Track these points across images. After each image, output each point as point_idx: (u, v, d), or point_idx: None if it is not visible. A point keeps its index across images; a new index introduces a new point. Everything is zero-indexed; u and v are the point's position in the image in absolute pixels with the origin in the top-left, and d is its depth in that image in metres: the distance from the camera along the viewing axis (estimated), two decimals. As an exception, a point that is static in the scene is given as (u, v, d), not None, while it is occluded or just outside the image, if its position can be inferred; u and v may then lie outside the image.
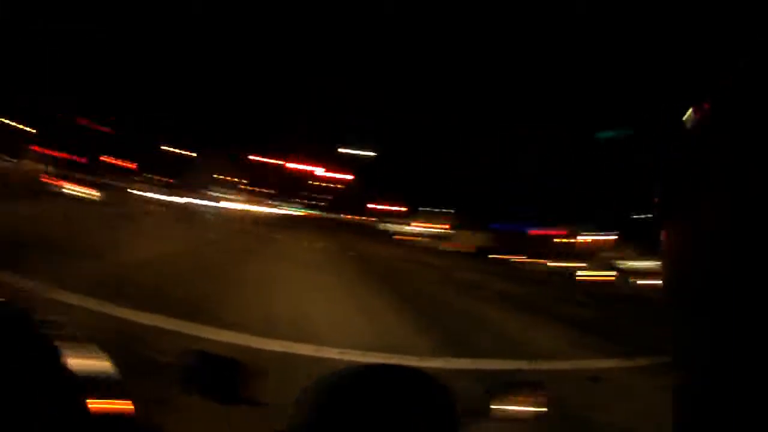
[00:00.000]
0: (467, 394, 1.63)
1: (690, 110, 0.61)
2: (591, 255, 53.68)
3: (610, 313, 20.03)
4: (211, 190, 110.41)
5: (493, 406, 1.61)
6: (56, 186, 42.46)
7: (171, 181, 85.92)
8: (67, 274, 9.58)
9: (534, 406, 1.66)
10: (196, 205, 78.95)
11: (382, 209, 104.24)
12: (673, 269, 0.64)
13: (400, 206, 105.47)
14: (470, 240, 64.18)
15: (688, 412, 0.61)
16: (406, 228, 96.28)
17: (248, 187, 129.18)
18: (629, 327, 16.51)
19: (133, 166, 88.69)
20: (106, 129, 78.34)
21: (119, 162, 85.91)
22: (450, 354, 8.12)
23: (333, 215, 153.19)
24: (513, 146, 63.90)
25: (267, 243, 28.91)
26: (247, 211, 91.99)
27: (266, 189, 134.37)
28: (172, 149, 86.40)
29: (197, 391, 1.68)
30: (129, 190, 55.56)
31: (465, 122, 69.52)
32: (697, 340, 0.58)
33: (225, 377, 1.67)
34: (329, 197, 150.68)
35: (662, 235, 0.66)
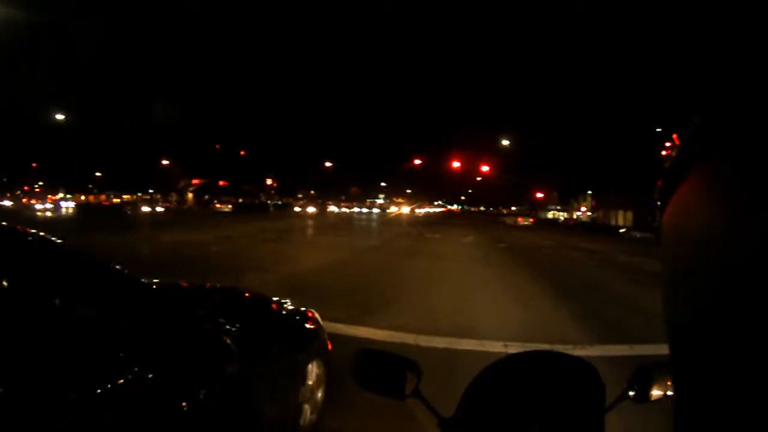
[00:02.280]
0: (619, 379, 1.71)
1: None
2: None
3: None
4: (374, 198, 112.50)
5: (634, 389, 1.68)
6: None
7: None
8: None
9: (672, 389, 1.66)
10: (356, 213, 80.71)
11: (539, 198, 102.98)
12: (671, 263, 0.65)
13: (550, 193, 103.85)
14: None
15: (688, 418, 0.61)
16: (552, 214, 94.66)
17: (403, 191, 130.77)
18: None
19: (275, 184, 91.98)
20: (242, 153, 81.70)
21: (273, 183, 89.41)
22: (606, 341, 8.03)
23: (474, 209, 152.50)
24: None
25: (422, 242, 29.23)
26: (401, 213, 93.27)
27: (414, 190, 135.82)
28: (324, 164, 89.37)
29: (369, 388, 1.76)
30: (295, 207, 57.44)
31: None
32: (697, 342, 0.58)
33: (394, 374, 1.75)
34: (469, 191, 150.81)
35: (662, 224, 0.68)
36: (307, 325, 4.54)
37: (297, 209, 79.92)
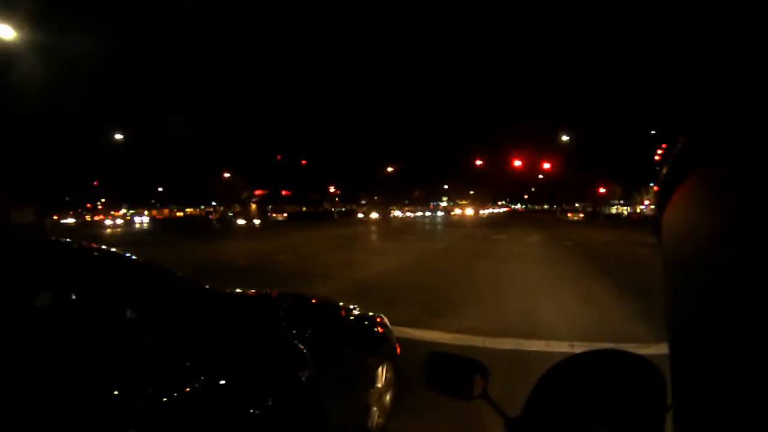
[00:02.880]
0: None
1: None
2: None
3: None
4: (438, 201, 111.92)
5: None
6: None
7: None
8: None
9: None
10: (420, 216, 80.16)
11: (602, 193, 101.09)
12: (671, 259, 0.67)
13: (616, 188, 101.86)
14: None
15: (688, 420, 0.62)
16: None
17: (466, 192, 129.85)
18: None
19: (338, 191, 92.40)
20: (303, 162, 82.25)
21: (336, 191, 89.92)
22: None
23: (537, 207, 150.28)
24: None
25: (486, 243, 29.10)
26: (465, 215, 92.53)
27: (477, 191, 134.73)
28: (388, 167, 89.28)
29: (437, 389, 1.81)
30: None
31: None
32: (698, 344, 0.59)
33: (462, 375, 1.79)
34: (532, 189, 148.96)
35: (663, 224, 0.70)
36: (376, 330, 4.64)
37: (360, 215, 79.81)
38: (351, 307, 4.82)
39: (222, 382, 2.72)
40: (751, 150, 0.52)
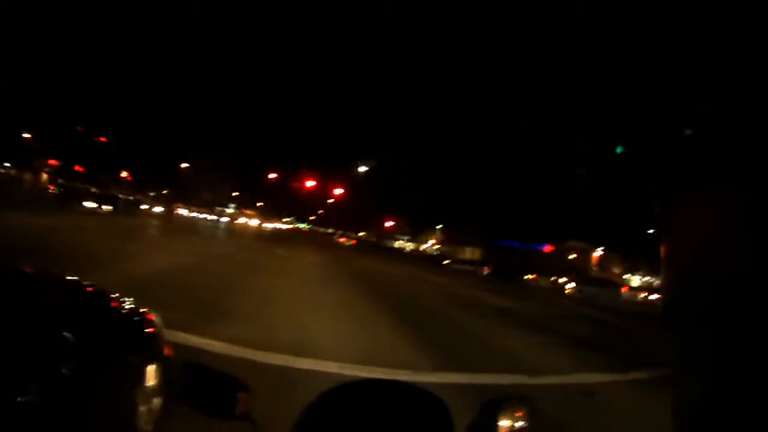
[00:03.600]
0: (463, 409, 1.66)
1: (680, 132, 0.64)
2: (581, 269, 54.24)
3: (605, 328, 20.17)
4: (224, 207, 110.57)
5: (483, 421, 1.63)
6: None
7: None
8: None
9: (521, 421, 1.67)
10: (205, 219, 78.70)
11: (389, 227, 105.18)
12: (673, 281, 0.66)
13: (397, 221, 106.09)
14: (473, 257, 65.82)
15: (688, 424, 0.62)
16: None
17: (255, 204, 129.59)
18: (625, 341, 16.57)
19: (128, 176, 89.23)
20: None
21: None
22: (447, 369, 8.16)
23: (322, 229, 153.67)
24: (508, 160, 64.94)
25: (267, 256, 28.99)
26: (248, 225, 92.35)
27: (265, 204, 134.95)
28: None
29: (197, 407, 1.74)
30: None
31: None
32: (697, 351, 0.60)
33: (224, 393, 1.70)
34: (320, 212, 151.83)
35: (662, 248, 0.67)
36: (146, 327, 4.33)
37: (144, 207, 77.20)
38: (122, 299, 4.47)
39: None
40: (751, 151, 0.53)
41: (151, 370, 4.10)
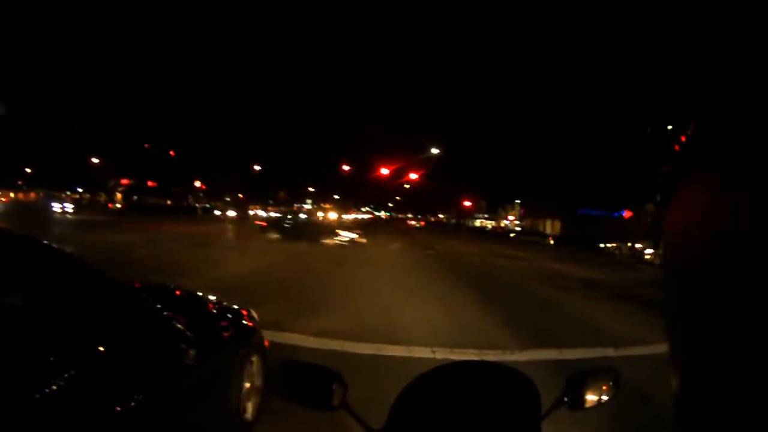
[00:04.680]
0: (550, 384, 1.70)
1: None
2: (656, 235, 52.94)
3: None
4: (301, 203, 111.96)
5: (569, 396, 1.66)
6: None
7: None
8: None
9: (607, 394, 1.71)
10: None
11: (467, 206, 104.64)
12: (671, 256, 0.66)
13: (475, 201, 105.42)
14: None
15: (688, 396, 0.62)
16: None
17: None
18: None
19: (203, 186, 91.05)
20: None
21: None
22: (534, 346, 8.16)
23: (401, 216, 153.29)
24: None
25: (350, 248, 29.40)
26: (327, 218, 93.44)
27: (342, 196, 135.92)
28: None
29: (295, 400, 1.73)
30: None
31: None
32: (694, 326, 0.60)
33: (320, 386, 1.72)
34: (398, 198, 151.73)
35: (663, 224, 0.68)
36: (245, 322, 4.78)
37: (217, 212, 78.37)
38: (219, 300, 5.04)
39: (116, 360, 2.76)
40: (752, 150, 0.53)
41: (253, 360, 4.57)
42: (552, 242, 57.15)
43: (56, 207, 54.45)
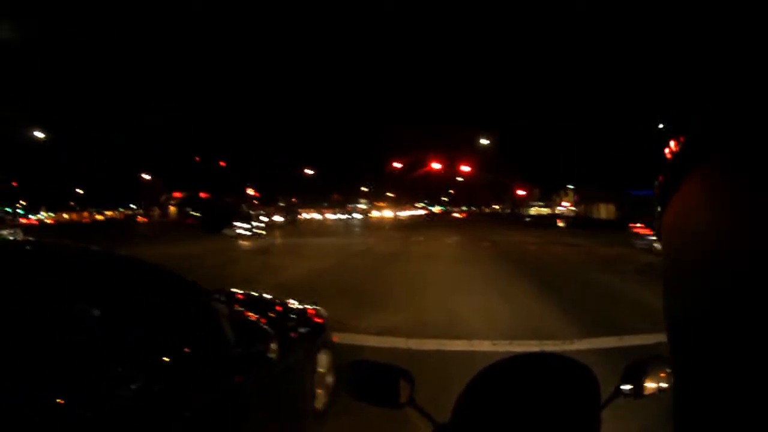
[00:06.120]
0: (609, 373, 1.70)
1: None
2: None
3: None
4: (356, 203, 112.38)
5: (627, 384, 1.70)
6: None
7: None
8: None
9: (666, 381, 1.71)
10: (338, 219, 79.57)
11: (520, 195, 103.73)
12: (671, 256, 0.64)
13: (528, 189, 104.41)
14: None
15: (688, 401, 0.61)
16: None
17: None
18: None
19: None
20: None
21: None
22: (594, 334, 8.16)
23: (456, 209, 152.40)
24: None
25: (408, 244, 29.68)
26: (383, 217, 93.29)
27: (396, 193, 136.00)
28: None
29: (363, 399, 1.75)
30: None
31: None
32: (694, 326, 0.59)
33: (387, 384, 1.74)
34: (451, 192, 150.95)
35: (662, 222, 0.67)
36: (314, 320, 5.10)
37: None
38: (287, 300, 5.41)
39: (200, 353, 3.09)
40: (753, 149, 0.51)
41: (322, 356, 4.90)
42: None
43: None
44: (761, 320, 0.48)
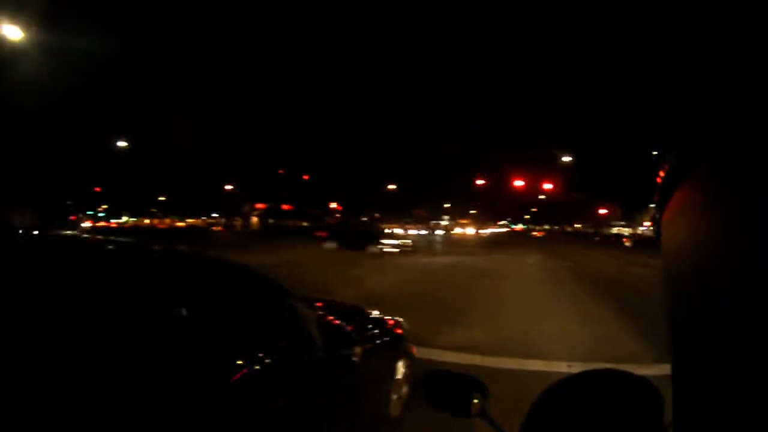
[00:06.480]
0: None
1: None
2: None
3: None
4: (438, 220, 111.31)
5: None
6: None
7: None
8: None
9: None
10: (416, 235, 78.77)
11: (602, 214, 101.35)
12: (670, 266, 0.65)
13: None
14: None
15: (687, 409, 0.63)
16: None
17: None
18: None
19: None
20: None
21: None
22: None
23: (538, 227, 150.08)
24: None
25: (488, 262, 29.43)
26: (465, 234, 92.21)
27: (478, 210, 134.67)
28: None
29: (440, 407, 1.82)
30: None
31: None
32: (694, 332, 0.59)
33: (461, 393, 1.79)
34: (534, 210, 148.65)
35: (662, 228, 0.68)
36: (395, 330, 5.32)
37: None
38: (371, 310, 5.72)
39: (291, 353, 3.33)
40: (752, 152, 0.52)
41: (400, 364, 5.14)
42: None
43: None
44: (761, 325, 0.48)
